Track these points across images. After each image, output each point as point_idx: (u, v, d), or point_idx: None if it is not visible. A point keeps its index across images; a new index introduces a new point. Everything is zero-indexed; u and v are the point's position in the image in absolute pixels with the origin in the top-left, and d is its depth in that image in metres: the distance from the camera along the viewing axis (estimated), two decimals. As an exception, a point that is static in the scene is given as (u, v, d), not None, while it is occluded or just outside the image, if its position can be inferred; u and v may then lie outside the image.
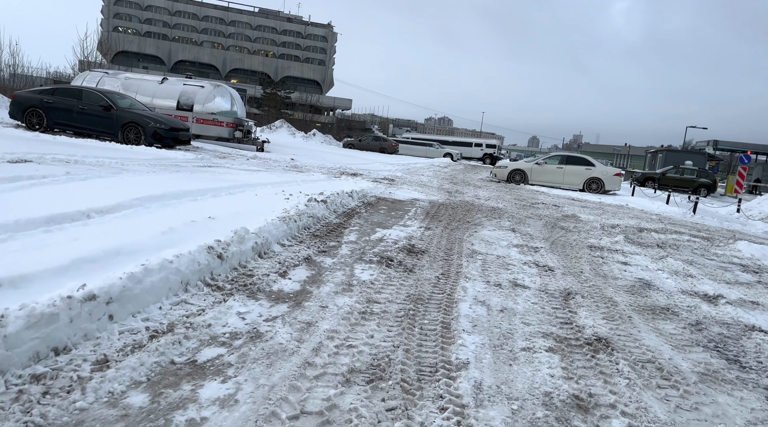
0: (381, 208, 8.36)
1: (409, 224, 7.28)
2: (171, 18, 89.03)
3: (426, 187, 13.45)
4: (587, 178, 19.50)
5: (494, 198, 12.70)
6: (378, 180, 13.31)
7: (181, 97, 19.27)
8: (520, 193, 15.06)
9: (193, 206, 5.46)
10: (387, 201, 9.43)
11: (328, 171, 14.11)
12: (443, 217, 8.54)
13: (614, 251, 7.67)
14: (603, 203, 14.64)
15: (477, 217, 9.21)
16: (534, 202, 12.91)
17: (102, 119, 13.52)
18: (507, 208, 11.10)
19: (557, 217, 10.67)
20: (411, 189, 12.26)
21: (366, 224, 6.70)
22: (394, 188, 11.80)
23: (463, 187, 15.07)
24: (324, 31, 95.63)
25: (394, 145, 38.53)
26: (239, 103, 20.27)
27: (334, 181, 10.63)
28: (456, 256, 5.74)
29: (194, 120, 19.21)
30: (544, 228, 9.11)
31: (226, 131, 19.40)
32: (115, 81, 19.59)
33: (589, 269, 6.22)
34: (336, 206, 7.06)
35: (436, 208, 9.59)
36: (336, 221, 6.46)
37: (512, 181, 20.07)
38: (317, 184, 9.21)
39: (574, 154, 20.66)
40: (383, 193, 10.49)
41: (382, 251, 5.34)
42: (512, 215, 10.19)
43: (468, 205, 10.71)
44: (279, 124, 38.78)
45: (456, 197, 11.87)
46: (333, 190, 8.03)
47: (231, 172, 10.17)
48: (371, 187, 10.54)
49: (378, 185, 11.73)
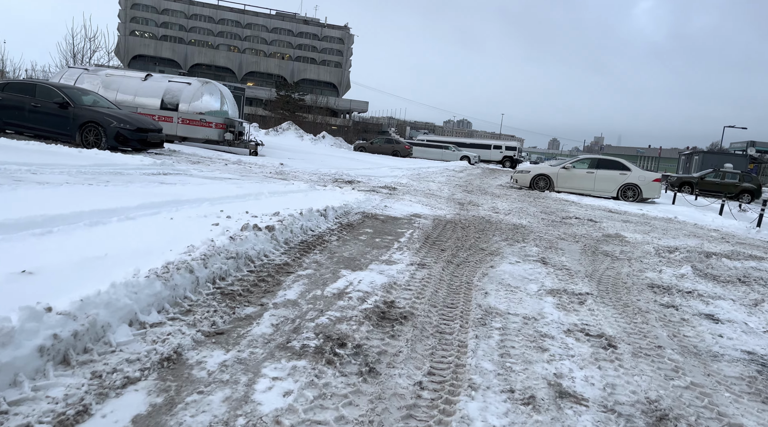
0: (364, 233, 6.20)
1: (396, 258, 5.11)
2: (187, 21, 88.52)
3: (434, 197, 11.27)
4: (622, 184, 17.10)
5: (516, 211, 10.46)
6: (376, 189, 11.17)
7: (166, 96, 17.39)
8: (547, 204, 12.78)
9: (44, 243, 3.42)
10: (377, 220, 7.28)
11: (318, 178, 12.02)
12: (448, 243, 6.35)
13: (686, 293, 5.42)
14: (647, 216, 12.27)
15: (494, 241, 7.01)
16: (565, 216, 10.63)
17: (57, 118, 11.64)
18: (533, 225, 8.86)
19: (597, 237, 8.40)
20: (414, 201, 10.09)
21: (328, 263, 4.55)
22: (392, 200, 9.64)
23: (478, 196, 12.84)
24: (340, 33, 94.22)
25: (407, 148, 36.37)
26: (231, 101, 18.34)
27: (314, 193, 8.53)
28: (459, 322, 3.57)
29: (179, 121, 17.32)
30: (584, 255, 6.87)
31: (214, 133, 17.47)
32: (95, 78, 17.82)
33: (667, 335, 4.01)
34: (289, 235, 4.93)
35: (441, 228, 7.40)
36: (280, 260, 4.32)
37: (536, 188, 17.75)
38: (285, 199, 7.11)
39: (606, 157, 18.26)
40: (375, 208, 8.35)
41: (333, 322, 3.19)
42: (540, 235, 7.95)
43: (483, 222, 8.50)
44: (286, 126, 36.92)
45: (469, 211, 9.67)
46: (299, 208, 5.92)
47: (186, 182, 8.14)
48: (361, 200, 8.41)
49: (372, 196, 9.59)
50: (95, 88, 17.44)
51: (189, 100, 17.30)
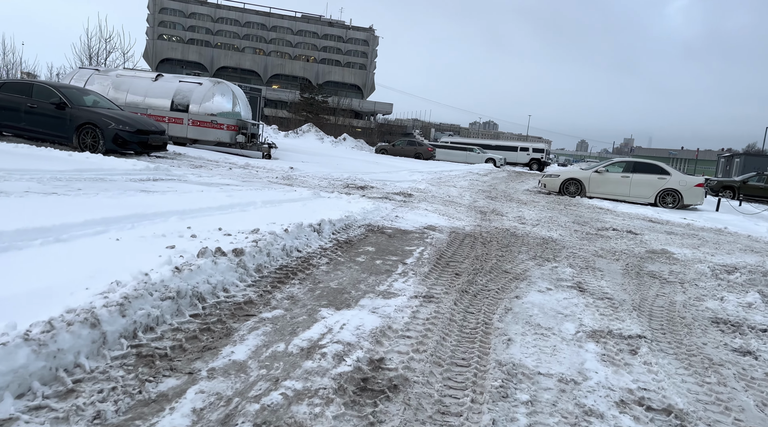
0: (363, 252, 5.23)
1: (396, 288, 4.13)
2: (213, 25, 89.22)
3: (452, 204, 10.23)
4: (661, 189, 15.75)
5: (545, 221, 9.35)
6: (389, 196, 10.19)
7: (176, 96, 16.75)
8: (579, 212, 11.60)
9: None
10: (383, 234, 6.29)
11: (328, 184, 11.11)
12: (465, 264, 5.34)
13: (761, 331, 4.32)
14: (693, 226, 10.99)
15: (520, 260, 5.96)
16: (601, 227, 9.47)
17: (53, 120, 11.00)
18: (564, 239, 7.75)
19: (640, 254, 7.26)
20: (430, 209, 9.08)
21: (307, 299, 3.59)
22: (405, 209, 8.65)
23: (503, 203, 11.75)
24: (365, 35, 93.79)
25: (430, 150, 35.33)
26: (243, 102, 17.60)
27: (315, 201, 7.59)
28: (470, 394, 2.57)
29: (190, 122, 16.66)
30: (627, 278, 5.78)
31: (226, 135, 16.75)
32: (105, 79, 17.31)
33: (755, 404, 2.95)
34: (264, 259, 3.98)
35: (458, 244, 6.38)
36: (243, 296, 3.36)
37: (566, 194, 16.52)
38: (277, 210, 6.19)
39: (643, 160, 16.91)
40: (384, 219, 7.37)
41: (289, 401, 2.22)
42: (574, 252, 6.86)
43: (507, 236, 7.44)
44: (306, 128, 36.24)
45: (491, 222, 8.61)
46: (288, 223, 4.98)
47: (173, 189, 7.31)
48: (369, 209, 7.45)
49: (383, 205, 8.62)
50: (105, 90, 16.94)
51: (200, 100, 16.63)
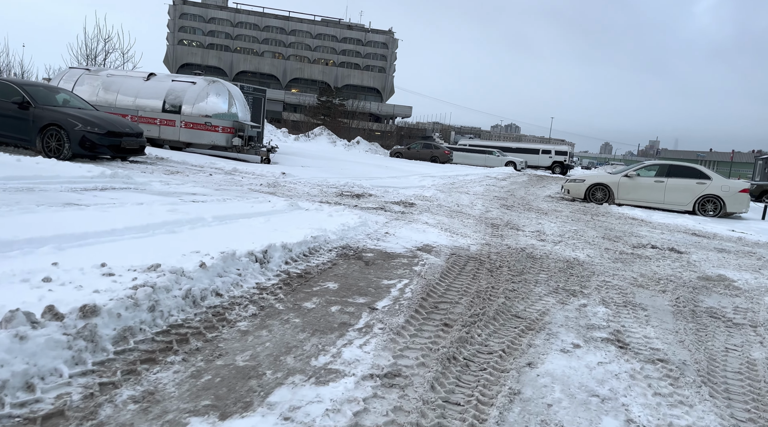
0: (319, 291, 3.83)
1: (345, 359, 2.73)
2: (233, 29, 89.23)
3: (460, 216, 8.78)
4: (700, 195, 14.04)
5: (569, 237, 7.84)
6: (386, 206, 8.79)
7: (168, 97, 15.63)
8: (608, 223, 10.03)
9: None
10: (358, 261, 4.89)
11: (319, 192, 9.74)
12: (460, 306, 3.91)
13: None
14: (745, 240, 9.33)
15: (536, 295, 4.51)
16: (636, 243, 7.91)
17: (15, 121, 9.88)
18: (594, 261, 6.25)
19: (691, 282, 5.72)
20: (432, 222, 7.65)
21: (179, 395, 2.21)
22: (400, 223, 7.23)
23: (520, 213, 10.24)
24: (384, 38, 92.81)
25: (447, 154, 33.83)
26: (241, 103, 16.40)
27: (285, 216, 6.22)
28: None
29: (183, 124, 15.51)
30: (681, 321, 4.30)
31: (221, 138, 15.56)
32: (95, 79, 16.31)
33: None
34: (142, 319, 2.60)
35: (457, 272, 4.95)
36: (55, 401, 2.01)
37: (592, 200, 14.91)
38: (227, 230, 4.85)
39: (679, 163, 15.21)
40: (369, 238, 5.96)
41: None
42: (606, 280, 5.37)
43: (522, 258, 5.97)
44: (318, 131, 35.06)
45: (504, 238, 7.14)
46: (215, 252, 3.64)
47: (113, 202, 6.04)
48: (351, 225, 6.07)
49: (375, 218, 7.23)
50: (95, 90, 15.94)
51: (193, 101, 15.47)
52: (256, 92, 21.06)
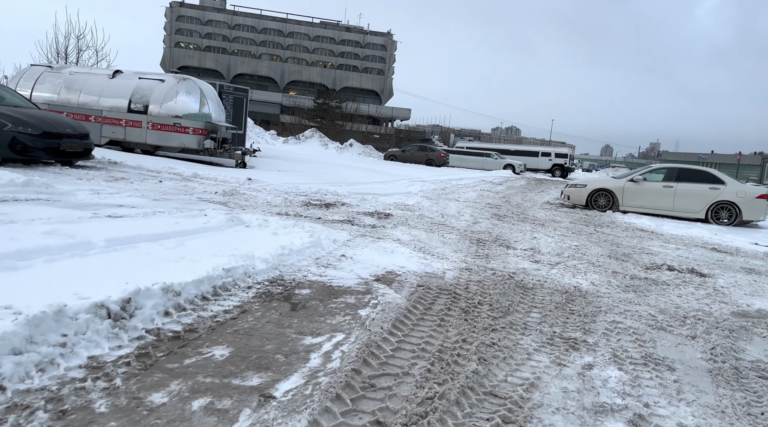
0: (192, 366, 2.58)
1: None
2: (230, 32, 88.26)
3: (441, 229, 7.53)
4: (713, 202, 12.78)
5: (569, 256, 6.58)
6: (356, 218, 7.55)
7: (134, 96, 14.41)
8: (614, 236, 8.78)
9: None
10: (285, 302, 3.63)
11: (283, 201, 8.48)
12: (407, 383, 2.66)
13: None
14: (773, 257, 8.06)
15: (523, 349, 3.26)
16: (650, 263, 6.64)
17: (-63, 122, 8.65)
18: (600, 291, 4.99)
19: (725, 320, 4.45)
20: (405, 239, 6.40)
21: None
22: (365, 241, 5.98)
23: (512, 225, 8.99)
24: (383, 40, 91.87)
25: (442, 156, 32.60)
26: (214, 102, 15.17)
27: (217, 235, 4.98)
28: None
29: (149, 125, 14.29)
30: (722, 387, 3.04)
31: (192, 140, 14.33)
32: (57, 77, 15.11)
33: None
34: None
35: (417, 317, 3.69)
36: None
37: (594, 207, 13.66)
38: (112, 261, 3.61)
39: (690, 167, 13.96)
40: (318, 263, 4.72)
41: None
42: (617, 321, 4.12)
43: (509, 289, 4.71)
44: (309, 133, 33.86)
45: (490, 259, 5.89)
46: (25, 311, 2.40)
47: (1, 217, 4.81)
48: (300, 245, 4.84)
49: (334, 235, 5.98)
50: (57, 89, 14.74)
51: (161, 100, 14.25)
52: (237, 92, 19.84)
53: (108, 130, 14.50)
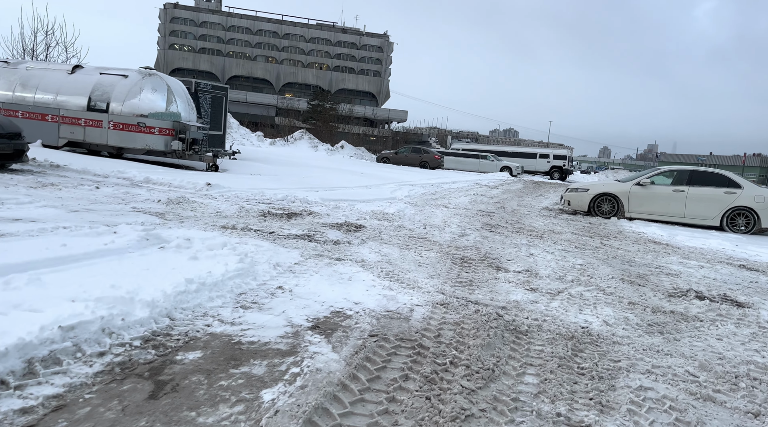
0: None
1: None
2: (225, 33, 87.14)
3: (420, 245, 6.30)
4: (729, 207, 11.58)
5: (573, 279, 5.35)
6: (320, 231, 6.31)
7: (94, 93, 13.17)
8: (625, 250, 7.55)
9: None
10: (146, 382, 2.43)
11: (238, 210, 7.25)
12: None
13: None
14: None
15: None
16: (672, 287, 5.41)
17: None
18: (615, 333, 3.77)
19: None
20: (371, 260, 5.18)
21: None
22: (320, 264, 4.76)
23: (506, 237, 7.76)
24: (379, 41, 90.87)
25: (437, 158, 31.39)
26: (184, 99, 13.93)
27: (108, 262, 3.76)
28: None
29: (111, 125, 13.04)
30: None
31: (158, 141, 13.08)
32: (12, 73, 13.88)
33: None
34: None
35: (354, 397, 2.48)
36: None
37: (597, 213, 12.45)
38: None
39: (703, 169, 12.76)
40: (241, 300, 3.50)
41: None
42: (643, 384, 2.88)
43: (495, 336, 3.47)
44: (299, 135, 32.63)
45: (474, 289, 4.65)
46: None
47: None
48: (223, 275, 3.63)
49: (281, 257, 4.75)
50: (11, 86, 13.50)
51: (123, 97, 13.01)
52: (216, 91, 18.61)
53: (66, 131, 13.26)
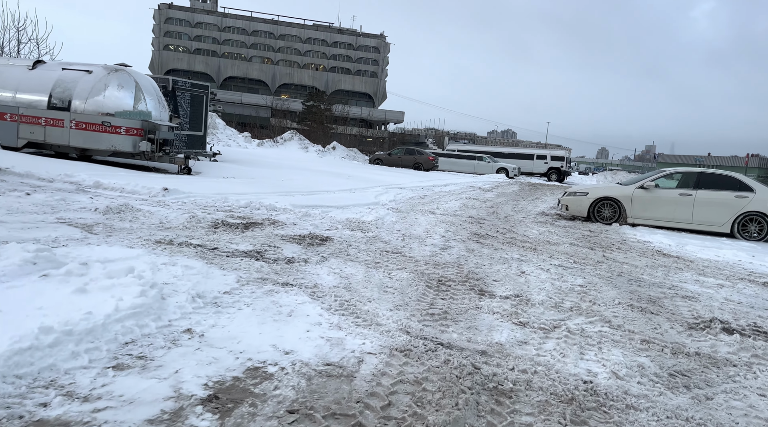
0: None
1: None
2: (220, 34, 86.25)
3: (394, 260, 5.35)
4: (741, 213, 10.66)
5: (571, 305, 4.40)
6: (275, 246, 5.37)
7: (55, 90, 12.21)
8: (630, 264, 6.62)
9: None
10: None
11: (185, 222, 6.31)
12: None
13: None
14: None
15: None
16: (692, 317, 4.45)
17: None
18: (628, 390, 2.82)
19: None
20: (327, 284, 4.24)
21: None
22: (260, 291, 3.82)
23: (494, 251, 6.81)
24: (376, 42, 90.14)
25: (431, 160, 30.48)
26: (154, 97, 12.97)
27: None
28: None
29: (73, 124, 12.08)
30: None
31: (126, 142, 12.12)
32: (-31, 69, 12.91)
33: None
34: None
35: None
36: None
37: (597, 219, 11.52)
38: None
39: (712, 171, 11.83)
40: (122, 355, 2.56)
41: None
42: None
43: (465, 400, 2.53)
44: (288, 136, 31.68)
45: (446, 324, 3.69)
46: None
47: None
48: (117, 314, 2.69)
49: (213, 282, 3.81)
50: (-32, 83, 12.53)
51: (86, 95, 12.05)
52: (195, 89, 17.64)
53: (25, 131, 12.30)
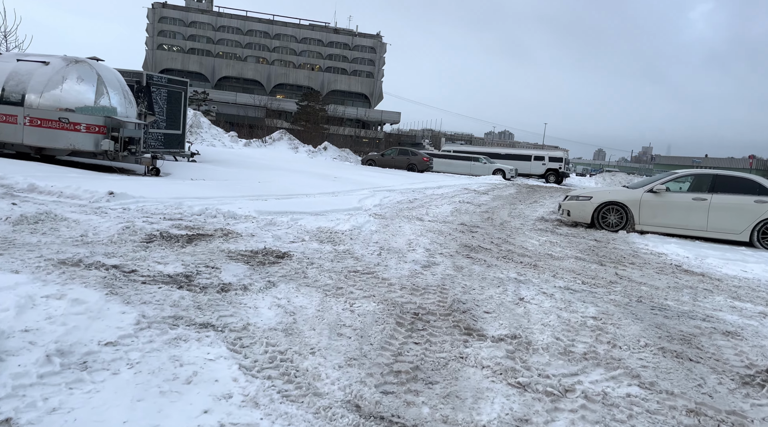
0: None
1: None
2: (215, 33, 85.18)
3: (362, 283, 4.30)
4: (761, 219, 9.64)
5: (585, 349, 3.35)
6: (215, 268, 4.31)
7: (8, 83, 11.11)
8: (649, 285, 5.57)
9: None
10: None
11: (112, 235, 5.24)
12: None
13: None
14: None
15: None
16: (741, 365, 3.38)
17: None
18: None
19: None
20: (264, 322, 3.19)
21: None
22: (149, 346, 2.76)
23: (488, 268, 5.74)
24: (372, 42, 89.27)
25: (425, 161, 29.43)
26: (119, 92, 11.87)
27: None
28: None
29: (27, 121, 10.99)
30: None
31: (86, 140, 11.03)
32: None
33: None
34: None
35: None
36: None
37: (602, 225, 10.48)
38: None
39: (728, 174, 10.79)
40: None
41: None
42: None
43: None
44: (278, 136, 30.59)
45: (416, 390, 2.63)
46: None
47: None
48: None
49: (108, 322, 2.75)
50: None
51: (41, 88, 10.96)
52: (172, 85, 16.55)
53: (-24, 128, 11.22)
